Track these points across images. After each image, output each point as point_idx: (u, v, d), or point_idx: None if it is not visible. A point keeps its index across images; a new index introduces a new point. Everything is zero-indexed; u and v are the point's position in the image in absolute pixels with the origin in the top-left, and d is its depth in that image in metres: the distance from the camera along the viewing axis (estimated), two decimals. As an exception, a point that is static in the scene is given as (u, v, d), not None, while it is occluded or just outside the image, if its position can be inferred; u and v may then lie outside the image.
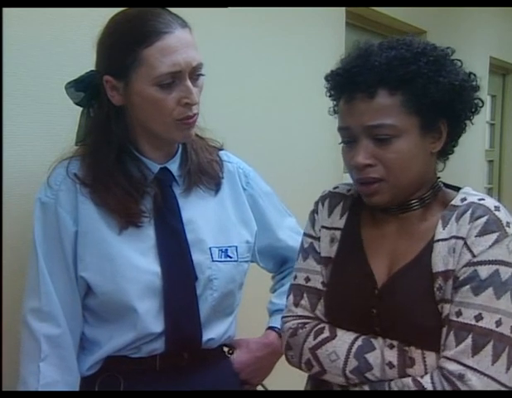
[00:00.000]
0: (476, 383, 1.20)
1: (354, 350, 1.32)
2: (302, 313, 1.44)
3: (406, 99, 1.30)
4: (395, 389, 1.27)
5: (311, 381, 1.48)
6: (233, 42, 2.48)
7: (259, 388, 1.79)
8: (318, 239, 1.47)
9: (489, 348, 1.21)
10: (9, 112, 1.62)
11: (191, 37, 1.49)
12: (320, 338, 1.37)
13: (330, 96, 1.43)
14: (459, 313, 1.25)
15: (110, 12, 1.52)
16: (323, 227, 1.48)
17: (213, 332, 1.59)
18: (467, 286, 1.25)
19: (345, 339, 1.35)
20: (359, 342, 1.33)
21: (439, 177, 1.44)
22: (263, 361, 1.72)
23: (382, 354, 1.30)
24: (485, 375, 1.21)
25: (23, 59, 1.66)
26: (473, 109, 1.39)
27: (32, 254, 1.50)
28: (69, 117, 1.61)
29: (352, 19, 3.45)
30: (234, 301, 1.66)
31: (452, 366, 1.23)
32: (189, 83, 1.46)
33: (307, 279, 1.45)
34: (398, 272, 1.35)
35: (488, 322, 1.22)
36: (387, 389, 1.28)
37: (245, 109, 2.57)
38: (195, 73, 1.48)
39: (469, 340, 1.22)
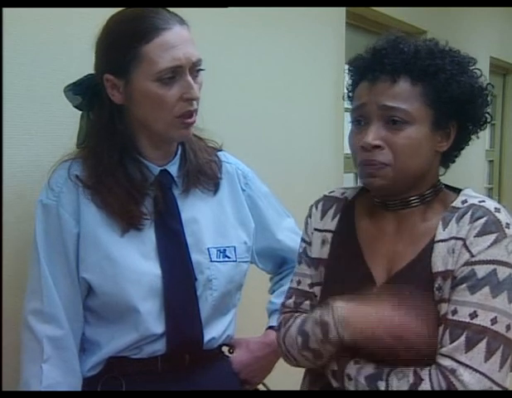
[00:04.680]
0: (468, 379, 1.21)
1: (298, 327, 1.39)
2: (285, 309, 1.50)
3: (426, 91, 1.33)
4: (394, 378, 1.27)
5: (308, 375, 1.50)
6: (233, 42, 2.48)
7: (261, 387, 1.80)
8: (310, 243, 1.50)
9: (482, 345, 1.22)
10: (9, 112, 1.62)
11: (189, 34, 1.49)
12: (285, 328, 1.44)
13: (351, 80, 1.45)
14: (454, 312, 1.26)
15: (112, 12, 1.52)
16: (315, 229, 1.50)
17: (213, 332, 1.60)
18: (464, 285, 1.26)
19: (297, 323, 1.41)
20: (302, 318, 1.40)
21: (440, 180, 1.45)
22: (262, 361, 1.72)
23: (315, 320, 1.34)
24: (478, 371, 1.21)
25: (23, 59, 1.65)
26: (481, 122, 1.41)
27: (34, 256, 1.50)
28: (69, 117, 1.61)
29: (352, 19, 3.45)
30: (230, 300, 1.67)
31: (446, 362, 1.24)
32: (189, 78, 1.47)
33: (299, 282, 1.50)
34: (398, 273, 1.36)
35: (483, 320, 1.23)
36: (384, 378, 1.28)
37: (246, 109, 2.56)
38: (194, 69, 1.49)
39: (463, 337, 1.23)
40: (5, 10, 1.57)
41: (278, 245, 1.78)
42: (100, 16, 1.51)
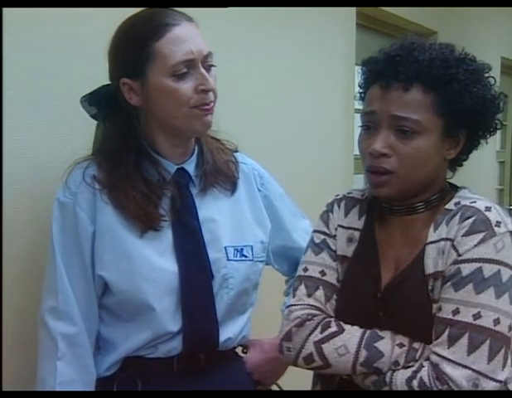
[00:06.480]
0: (450, 371, 1.25)
1: (364, 341, 1.34)
2: (314, 303, 1.44)
3: (438, 100, 1.32)
4: (400, 377, 1.30)
5: (320, 381, 1.49)
6: (243, 43, 2.48)
7: (274, 387, 1.80)
8: (333, 237, 1.49)
9: (464, 340, 1.25)
10: (10, 112, 1.60)
11: (198, 30, 1.53)
12: (327, 332, 1.38)
13: (363, 81, 1.45)
14: (439, 309, 1.30)
15: (115, 13, 1.53)
16: (340, 226, 1.49)
17: (229, 332, 1.61)
18: (449, 283, 1.29)
19: (353, 333, 1.36)
20: (367, 334, 1.35)
21: (447, 184, 1.45)
22: (276, 362, 1.72)
23: (392, 339, 1.33)
24: (460, 364, 1.24)
25: (25, 59, 1.64)
26: (491, 129, 1.41)
27: (50, 254, 1.52)
28: (71, 118, 1.63)
29: (362, 20, 3.46)
30: (248, 300, 1.68)
31: (433, 358, 1.28)
32: (203, 70, 1.50)
33: (323, 273, 1.46)
34: (397, 277, 1.38)
35: (464, 316, 1.26)
36: (389, 378, 1.31)
37: (256, 111, 2.57)
38: (206, 61, 1.52)
39: (446, 333, 1.27)
40: (5, 10, 1.56)
41: (294, 245, 1.80)
42: (101, 15, 1.54)
